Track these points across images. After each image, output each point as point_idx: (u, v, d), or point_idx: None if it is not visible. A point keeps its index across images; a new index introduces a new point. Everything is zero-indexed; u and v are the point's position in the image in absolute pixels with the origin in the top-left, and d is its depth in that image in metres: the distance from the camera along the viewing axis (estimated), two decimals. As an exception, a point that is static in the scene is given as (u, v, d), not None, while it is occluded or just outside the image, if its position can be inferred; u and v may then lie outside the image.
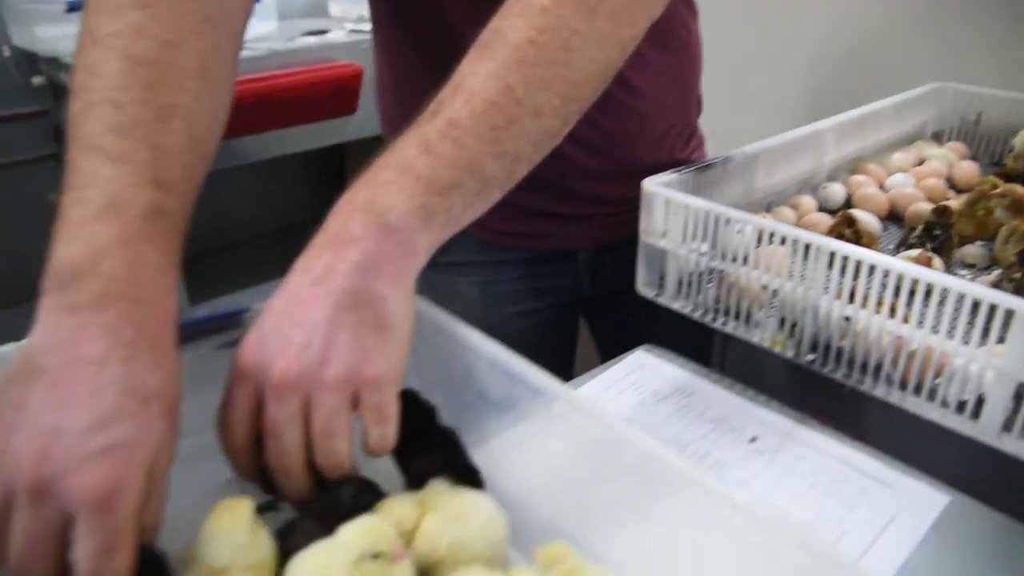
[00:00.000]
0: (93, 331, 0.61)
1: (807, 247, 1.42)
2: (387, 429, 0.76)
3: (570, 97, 0.87)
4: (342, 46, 4.01)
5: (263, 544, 0.78)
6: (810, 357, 1.52)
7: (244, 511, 0.77)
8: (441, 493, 0.89)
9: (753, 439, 1.26)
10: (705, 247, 1.60)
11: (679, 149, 1.88)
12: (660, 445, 0.85)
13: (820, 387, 1.49)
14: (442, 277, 1.62)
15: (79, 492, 0.57)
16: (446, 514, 0.85)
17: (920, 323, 1.24)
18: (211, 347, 1.02)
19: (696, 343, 1.71)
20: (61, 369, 0.59)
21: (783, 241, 1.45)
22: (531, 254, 1.57)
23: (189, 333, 1.01)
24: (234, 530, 0.75)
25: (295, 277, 0.76)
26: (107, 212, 0.67)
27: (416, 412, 0.98)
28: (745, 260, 1.56)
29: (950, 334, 1.18)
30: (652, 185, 1.59)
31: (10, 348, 0.85)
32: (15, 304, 4.37)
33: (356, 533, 0.76)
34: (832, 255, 1.37)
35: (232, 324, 1.04)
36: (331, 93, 4.35)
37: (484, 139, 0.79)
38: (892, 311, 1.31)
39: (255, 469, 0.83)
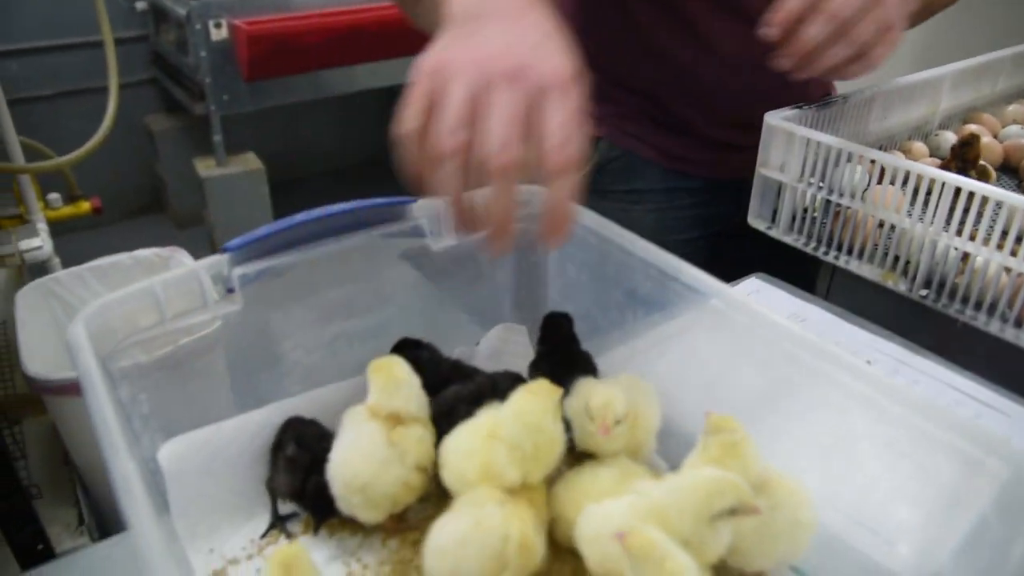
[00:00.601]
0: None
1: (931, 182, 1.44)
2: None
3: None
4: (436, -19, 4.03)
5: None
6: (923, 292, 1.55)
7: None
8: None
9: (867, 363, 1.30)
10: (822, 183, 1.63)
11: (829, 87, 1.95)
12: (814, 336, 0.90)
13: (930, 321, 1.52)
14: (617, 206, 1.69)
15: (551, 74, 0.75)
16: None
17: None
18: (378, 235, 1.10)
19: (803, 275, 1.76)
20: (498, 14, 0.79)
21: (906, 177, 1.48)
22: (704, 182, 1.66)
23: (362, 217, 1.09)
24: None
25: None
26: None
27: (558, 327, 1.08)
28: (862, 197, 1.59)
29: (1076, 271, 1.21)
30: (774, 119, 1.62)
31: (123, 256, 0.94)
32: (117, 221, 4.58)
33: (706, 485, 0.84)
34: (957, 191, 1.39)
35: (401, 215, 1.11)
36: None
37: None
38: (1013, 252, 1.33)
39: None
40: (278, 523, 1.05)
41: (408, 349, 1.14)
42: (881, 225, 1.58)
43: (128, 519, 0.69)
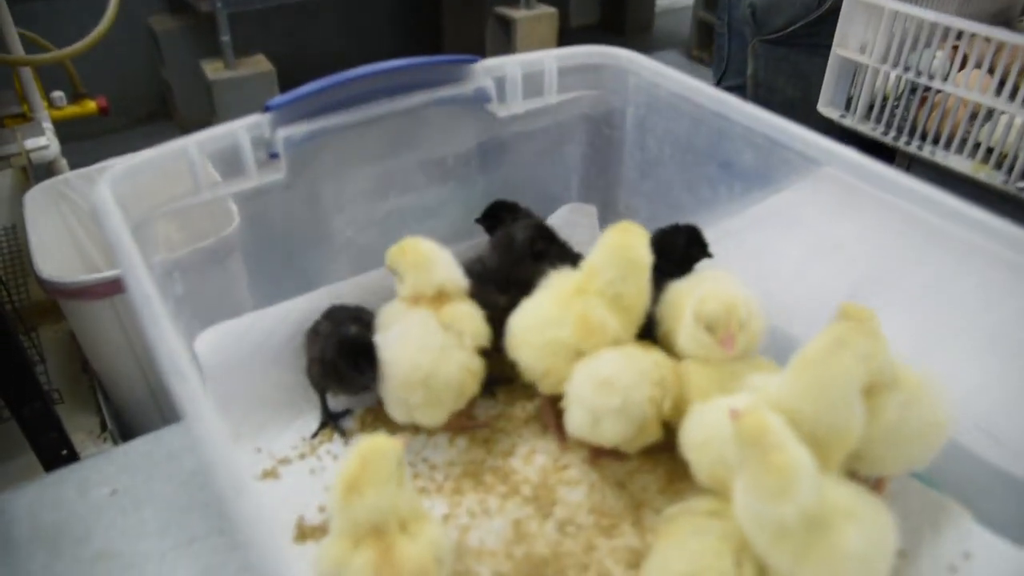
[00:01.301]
0: None
1: (1038, 60, 1.28)
2: None
3: None
4: None
5: None
6: (1021, 185, 1.41)
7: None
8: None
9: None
10: (907, 68, 1.46)
11: None
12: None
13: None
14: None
15: None
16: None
17: None
18: (438, 98, 0.96)
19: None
20: None
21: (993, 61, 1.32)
22: None
23: (420, 76, 0.95)
24: None
25: None
26: None
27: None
28: (953, 81, 1.43)
29: None
30: (858, -8, 1.45)
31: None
32: (122, 129, 4.41)
33: None
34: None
35: (463, 75, 0.97)
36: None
37: None
38: None
39: None
40: (329, 421, 0.94)
41: (502, 213, 1.03)
42: (974, 115, 1.43)
43: (179, 403, 0.58)
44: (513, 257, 0.97)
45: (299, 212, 0.94)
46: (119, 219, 0.73)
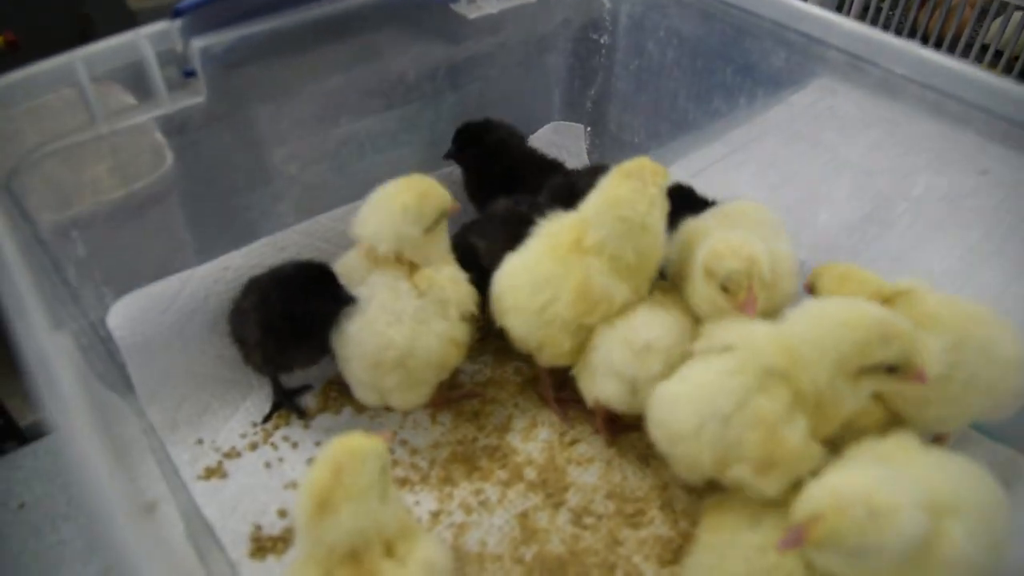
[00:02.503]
0: None
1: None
2: None
3: None
4: None
5: None
6: (1035, 86, 1.29)
7: None
8: None
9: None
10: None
11: None
12: None
13: None
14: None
15: None
16: None
17: None
18: None
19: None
20: None
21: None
22: None
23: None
24: None
25: None
26: None
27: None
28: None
29: None
30: None
31: None
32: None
33: None
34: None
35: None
36: None
37: None
38: None
39: None
40: (284, 401, 0.77)
41: (473, 136, 0.85)
42: (983, 12, 1.29)
43: (47, 415, 0.42)
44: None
45: (230, 147, 0.75)
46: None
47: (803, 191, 0.86)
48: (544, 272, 0.70)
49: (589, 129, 0.98)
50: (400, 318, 0.69)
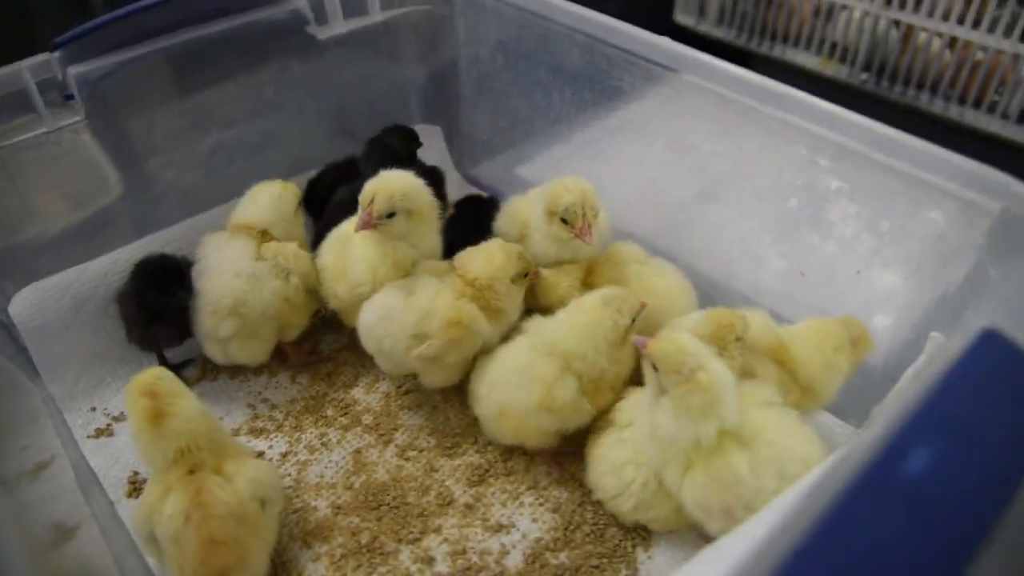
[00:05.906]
0: None
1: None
2: None
3: None
4: None
5: None
6: (864, 76, 1.44)
7: None
8: None
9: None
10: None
11: None
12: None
13: (868, 111, 1.42)
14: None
15: None
16: None
17: (991, 28, 1.18)
18: (248, 23, 0.92)
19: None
20: None
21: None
22: None
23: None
24: None
25: None
26: None
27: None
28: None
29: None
30: None
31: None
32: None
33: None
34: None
35: (274, -2, 0.92)
36: None
37: None
38: (961, 19, 1.23)
39: None
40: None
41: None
42: (817, 12, 1.44)
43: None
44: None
45: (111, 157, 0.88)
46: None
47: (645, 178, 0.97)
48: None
49: (445, 130, 1.11)
50: (239, 274, 0.84)
